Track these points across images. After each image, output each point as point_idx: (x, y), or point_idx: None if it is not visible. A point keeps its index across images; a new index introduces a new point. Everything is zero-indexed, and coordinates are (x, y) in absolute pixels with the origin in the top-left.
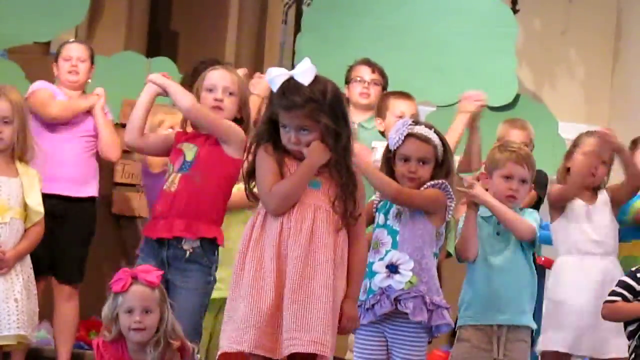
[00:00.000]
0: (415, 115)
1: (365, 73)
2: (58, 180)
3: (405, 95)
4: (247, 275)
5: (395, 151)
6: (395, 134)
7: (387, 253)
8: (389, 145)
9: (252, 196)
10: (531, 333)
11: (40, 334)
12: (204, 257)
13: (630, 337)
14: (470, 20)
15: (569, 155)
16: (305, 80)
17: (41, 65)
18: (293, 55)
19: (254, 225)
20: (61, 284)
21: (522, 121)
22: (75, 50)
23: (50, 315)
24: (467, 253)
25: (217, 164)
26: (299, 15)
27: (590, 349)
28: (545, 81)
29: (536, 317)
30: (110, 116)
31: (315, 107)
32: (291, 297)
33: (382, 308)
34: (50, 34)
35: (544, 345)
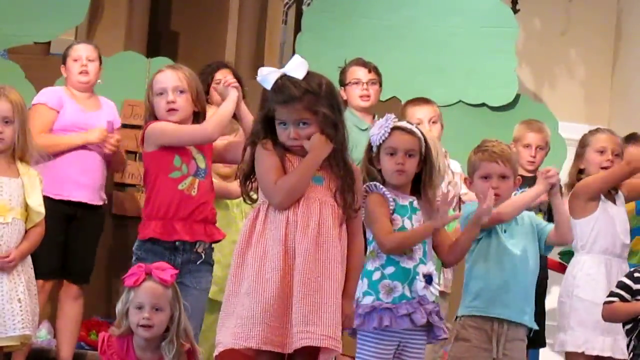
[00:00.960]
0: (434, 118)
1: (361, 74)
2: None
3: (424, 101)
4: (251, 270)
5: (379, 149)
6: (378, 130)
7: (422, 261)
8: (370, 145)
9: (249, 198)
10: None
11: (41, 334)
12: (211, 258)
13: (627, 335)
14: (470, 20)
15: (579, 156)
16: (299, 74)
17: (41, 66)
18: (293, 55)
19: (255, 220)
20: (69, 284)
21: (539, 123)
22: (84, 50)
23: (50, 315)
24: (456, 263)
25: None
26: (299, 15)
27: (620, 352)
28: (545, 81)
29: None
30: (118, 124)
31: (313, 98)
32: (302, 291)
33: (422, 318)
34: (51, 34)
35: (576, 347)
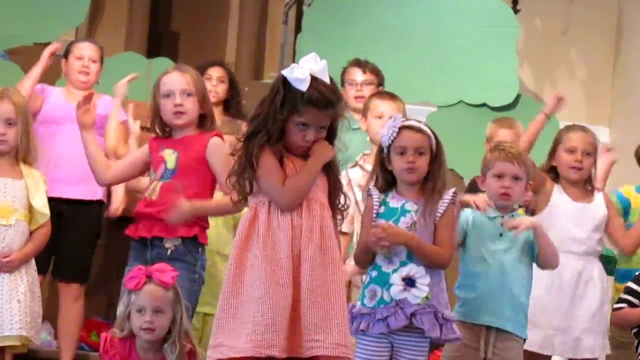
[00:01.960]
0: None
1: (356, 75)
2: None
3: (389, 96)
4: (262, 274)
5: (389, 148)
6: (387, 130)
7: (403, 264)
8: (382, 145)
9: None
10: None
11: (41, 335)
12: (186, 255)
13: (636, 337)
14: (470, 20)
15: (552, 153)
16: (325, 77)
17: None
18: (294, 55)
19: (255, 221)
20: (67, 285)
21: (510, 120)
22: (87, 50)
23: (50, 316)
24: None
25: (199, 169)
26: (299, 15)
27: (562, 350)
28: (546, 81)
29: None
30: (124, 116)
31: (339, 107)
32: (309, 298)
33: (398, 322)
34: (51, 35)
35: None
